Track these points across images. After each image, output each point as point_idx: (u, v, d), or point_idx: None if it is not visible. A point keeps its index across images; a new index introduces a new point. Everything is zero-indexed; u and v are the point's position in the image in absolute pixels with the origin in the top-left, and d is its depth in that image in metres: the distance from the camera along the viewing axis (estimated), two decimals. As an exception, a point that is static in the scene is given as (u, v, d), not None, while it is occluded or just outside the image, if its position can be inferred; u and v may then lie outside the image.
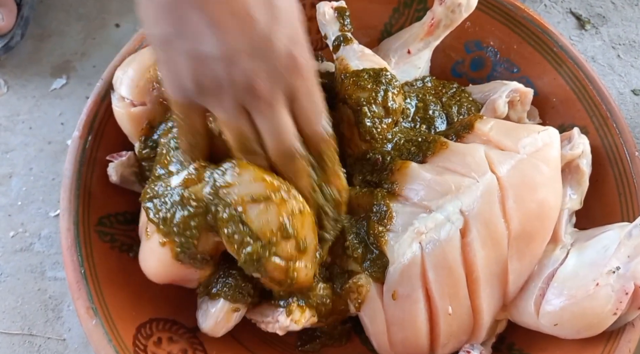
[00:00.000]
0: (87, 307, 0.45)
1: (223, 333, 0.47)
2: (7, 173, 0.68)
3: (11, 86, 0.74)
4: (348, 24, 0.57)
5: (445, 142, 0.49)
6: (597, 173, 0.53)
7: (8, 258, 0.64)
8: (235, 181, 0.41)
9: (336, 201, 0.46)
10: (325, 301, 0.47)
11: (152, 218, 0.43)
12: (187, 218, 0.42)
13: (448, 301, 0.45)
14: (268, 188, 0.41)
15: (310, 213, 0.44)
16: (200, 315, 0.47)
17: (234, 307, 0.46)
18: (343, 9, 0.58)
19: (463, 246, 0.45)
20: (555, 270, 0.46)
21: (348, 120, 0.50)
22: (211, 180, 0.42)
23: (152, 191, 0.44)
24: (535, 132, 0.48)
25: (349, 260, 0.48)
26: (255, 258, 0.41)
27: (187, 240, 0.42)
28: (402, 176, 0.48)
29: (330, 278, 0.48)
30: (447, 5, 0.55)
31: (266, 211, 0.41)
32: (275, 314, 0.47)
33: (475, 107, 0.57)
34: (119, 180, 0.51)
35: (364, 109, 0.49)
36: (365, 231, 0.47)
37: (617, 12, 0.82)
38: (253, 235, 0.41)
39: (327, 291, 0.47)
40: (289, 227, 0.41)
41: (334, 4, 0.58)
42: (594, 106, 0.55)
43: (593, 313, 0.44)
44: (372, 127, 0.49)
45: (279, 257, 0.41)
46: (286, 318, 0.46)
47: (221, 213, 0.41)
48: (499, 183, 0.45)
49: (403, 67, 0.58)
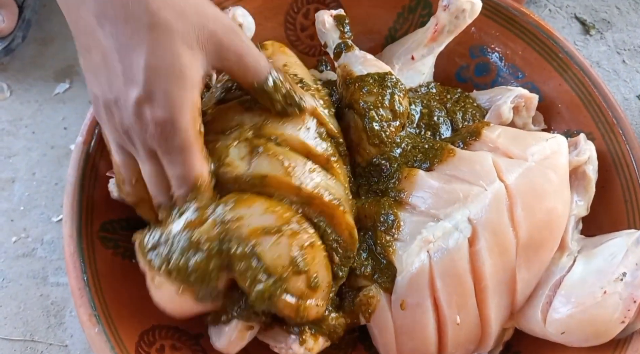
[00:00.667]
0: (90, 314, 0.45)
1: (237, 351, 0.46)
2: (9, 178, 0.68)
3: (14, 90, 0.74)
4: (348, 31, 0.57)
5: (452, 149, 0.48)
6: (603, 179, 0.53)
7: (10, 264, 0.63)
8: (246, 213, 0.40)
9: (346, 241, 0.45)
10: (337, 329, 0.46)
11: (161, 270, 0.41)
12: (204, 263, 0.40)
13: (456, 310, 0.44)
14: (279, 220, 0.41)
15: (321, 247, 0.43)
16: (214, 333, 0.46)
17: (247, 325, 0.45)
18: (342, 17, 0.58)
19: (471, 255, 0.44)
20: (563, 278, 0.46)
21: (355, 125, 0.50)
22: (219, 217, 0.40)
23: (152, 242, 0.41)
24: (544, 140, 0.48)
25: (358, 278, 0.47)
26: (266, 296, 0.40)
27: (209, 284, 0.40)
28: (409, 184, 0.47)
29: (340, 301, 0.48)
30: (451, 11, 0.55)
31: (278, 244, 0.40)
32: (288, 342, 0.46)
33: (480, 113, 0.56)
34: (119, 196, 0.51)
35: (371, 113, 0.49)
36: (372, 242, 0.47)
37: (622, 17, 0.82)
38: (266, 270, 0.40)
39: (338, 320, 0.46)
40: (300, 261, 0.41)
41: (333, 13, 0.58)
42: (600, 112, 0.55)
43: (601, 321, 0.43)
44: (380, 131, 0.49)
45: (290, 294, 0.41)
46: (300, 346, 0.45)
47: (234, 249, 0.40)
48: (507, 191, 0.45)
49: (407, 73, 0.58)
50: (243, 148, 0.44)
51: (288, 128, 0.45)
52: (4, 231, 0.65)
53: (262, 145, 0.43)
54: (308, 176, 0.43)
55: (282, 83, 0.43)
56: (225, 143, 0.44)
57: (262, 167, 0.43)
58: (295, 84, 0.46)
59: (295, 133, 0.45)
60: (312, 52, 0.65)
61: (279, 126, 0.45)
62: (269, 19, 0.61)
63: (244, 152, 0.43)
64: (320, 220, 0.44)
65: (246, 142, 0.44)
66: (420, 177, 0.47)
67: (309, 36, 0.64)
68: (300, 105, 0.45)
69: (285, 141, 0.44)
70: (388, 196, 0.48)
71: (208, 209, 0.41)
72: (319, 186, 0.43)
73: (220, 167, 0.43)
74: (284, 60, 0.51)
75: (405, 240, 0.46)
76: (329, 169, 0.46)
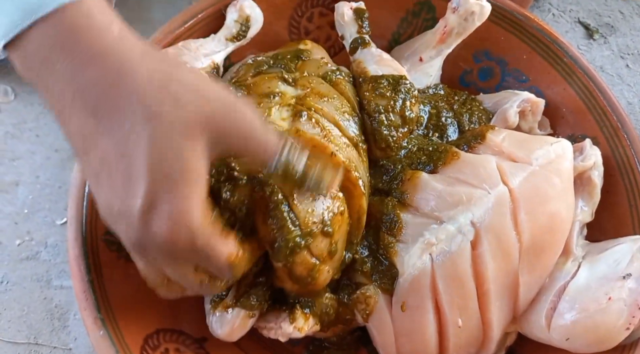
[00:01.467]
0: (95, 318, 0.45)
1: (238, 338, 0.47)
2: (13, 181, 0.68)
3: (18, 94, 0.74)
4: (366, 26, 0.57)
5: (456, 152, 0.49)
6: (607, 184, 0.53)
7: (14, 267, 0.63)
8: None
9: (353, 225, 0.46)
10: (328, 311, 0.47)
11: None
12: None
13: (458, 313, 0.44)
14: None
15: (347, 219, 0.44)
16: (215, 321, 0.46)
17: (250, 313, 0.46)
18: (362, 11, 0.58)
19: (474, 258, 0.45)
20: (567, 283, 0.46)
21: (364, 126, 0.50)
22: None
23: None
24: (548, 144, 0.48)
25: (356, 272, 0.47)
26: (290, 247, 0.41)
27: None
28: (413, 186, 0.47)
29: (336, 288, 0.48)
30: (460, 14, 0.55)
31: (313, 200, 0.41)
32: (278, 321, 0.46)
33: (486, 116, 0.56)
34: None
35: (381, 117, 0.49)
36: (374, 242, 0.47)
37: (626, 22, 0.82)
38: (295, 222, 0.41)
39: (332, 301, 0.47)
40: (329, 224, 0.42)
41: (353, 5, 0.58)
42: (605, 117, 0.55)
43: (605, 328, 0.43)
44: (388, 136, 0.49)
45: (310, 253, 0.42)
46: (289, 325, 0.46)
47: (269, 191, 0.40)
48: (510, 195, 0.45)
49: (415, 74, 0.58)
50: (285, 111, 0.45)
51: (328, 106, 0.47)
52: (7, 235, 0.65)
53: (305, 111, 0.45)
54: (344, 148, 0.45)
55: (295, 165, 0.38)
56: (269, 105, 0.45)
57: (304, 127, 0.44)
58: (313, 157, 0.40)
59: (333, 113, 0.47)
60: (315, 56, 0.65)
61: (320, 102, 0.47)
62: (272, 23, 0.61)
63: (286, 115, 0.45)
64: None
65: (289, 107, 0.46)
66: (423, 180, 0.47)
67: (313, 40, 0.63)
68: (321, 188, 0.40)
69: (325, 116, 0.46)
70: (392, 197, 0.48)
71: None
72: (350, 160, 0.45)
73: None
74: (321, 54, 0.54)
75: (408, 242, 0.46)
76: (359, 152, 0.48)
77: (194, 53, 0.54)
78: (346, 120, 0.48)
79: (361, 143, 0.48)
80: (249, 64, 0.53)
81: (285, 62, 0.52)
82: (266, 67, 0.51)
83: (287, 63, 0.52)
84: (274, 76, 0.49)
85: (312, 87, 0.48)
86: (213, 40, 0.56)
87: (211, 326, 0.47)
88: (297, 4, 0.61)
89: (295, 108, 0.46)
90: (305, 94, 0.47)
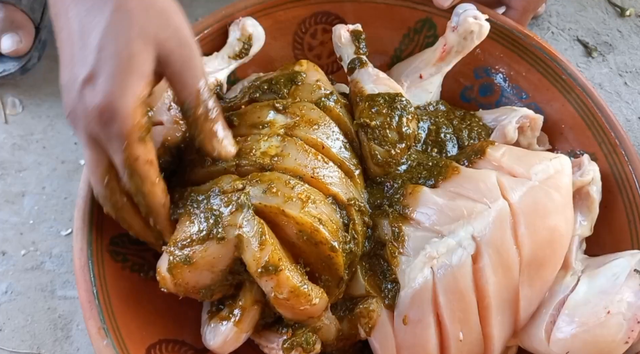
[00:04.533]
0: (99, 327, 0.45)
1: (230, 351, 0.47)
2: (19, 192, 0.69)
3: (26, 106, 0.75)
4: (363, 47, 0.58)
5: (457, 167, 0.49)
6: (606, 199, 0.53)
7: (19, 277, 0.64)
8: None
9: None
10: (330, 330, 0.47)
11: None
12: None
13: (459, 327, 0.45)
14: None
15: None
16: (208, 332, 0.47)
17: (243, 327, 0.45)
18: (359, 32, 0.59)
19: (475, 272, 0.45)
20: (566, 297, 0.46)
21: (362, 143, 0.51)
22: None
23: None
24: (547, 159, 0.49)
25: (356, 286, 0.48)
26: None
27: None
28: (414, 200, 0.48)
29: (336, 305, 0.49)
30: (459, 33, 0.56)
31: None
32: (279, 342, 0.47)
33: (486, 132, 0.57)
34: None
35: (377, 134, 0.50)
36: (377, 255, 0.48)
37: (624, 41, 0.83)
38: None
39: (333, 321, 0.47)
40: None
41: (350, 27, 0.59)
42: (603, 133, 0.56)
43: (604, 341, 0.44)
44: (385, 152, 0.50)
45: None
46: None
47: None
48: (510, 209, 0.46)
49: (415, 91, 0.59)
50: (274, 140, 0.47)
51: (317, 133, 0.49)
52: (13, 245, 0.66)
53: (291, 142, 0.47)
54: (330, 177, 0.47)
55: (206, 117, 0.43)
56: (257, 137, 0.47)
57: (293, 157, 0.46)
58: (226, 127, 0.46)
59: (323, 140, 0.48)
60: (319, 71, 0.66)
61: (310, 130, 0.48)
62: (277, 39, 0.62)
63: (275, 143, 0.47)
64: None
65: (277, 137, 0.47)
66: (424, 194, 0.48)
67: (316, 56, 0.65)
68: (213, 149, 0.44)
69: (313, 145, 0.48)
70: (394, 210, 0.49)
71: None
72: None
73: (251, 157, 0.46)
74: (316, 77, 0.55)
75: (409, 255, 0.46)
76: (350, 176, 0.49)
77: (197, 71, 0.55)
78: (337, 146, 0.49)
79: (354, 167, 0.49)
80: (245, 90, 0.54)
81: (279, 87, 0.53)
82: (259, 93, 0.53)
83: (280, 88, 0.53)
84: (266, 105, 0.51)
85: (303, 115, 0.49)
86: (216, 58, 0.57)
87: (204, 336, 0.47)
88: (300, 20, 0.62)
89: (283, 138, 0.47)
90: (294, 123, 0.49)
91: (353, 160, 0.50)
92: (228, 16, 0.58)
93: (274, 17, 0.61)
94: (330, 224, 0.44)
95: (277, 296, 0.42)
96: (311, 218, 0.43)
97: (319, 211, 0.44)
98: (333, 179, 0.46)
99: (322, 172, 0.46)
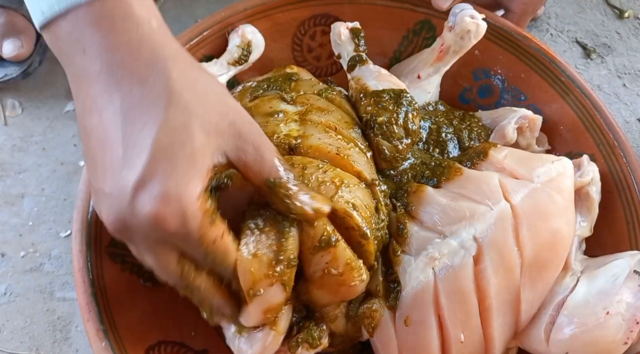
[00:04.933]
0: (98, 329, 0.45)
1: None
2: (19, 194, 0.69)
3: (26, 108, 0.75)
4: (363, 44, 0.58)
5: (460, 168, 0.49)
6: (605, 200, 0.53)
7: (18, 278, 0.64)
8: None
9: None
10: (342, 322, 0.47)
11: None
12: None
13: (460, 328, 0.45)
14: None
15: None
16: (243, 343, 0.44)
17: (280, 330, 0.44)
18: (358, 30, 0.59)
19: (476, 273, 0.45)
20: (566, 298, 0.46)
21: (368, 139, 0.51)
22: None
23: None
24: (549, 162, 0.49)
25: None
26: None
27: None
28: (418, 199, 0.48)
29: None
30: (456, 32, 0.56)
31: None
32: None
33: (485, 132, 0.57)
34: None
35: (385, 129, 0.50)
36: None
37: (623, 42, 0.83)
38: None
39: (342, 317, 0.47)
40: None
41: (349, 25, 0.59)
42: (601, 135, 0.56)
43: (604, 342, 0.44)
44: (392, 147, 0.50)
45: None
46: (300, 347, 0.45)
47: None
48: (512, 211, 0.46)
49: (413, 91, 0.59)
50: (292, 124, 0.47)
51: (331, 118, 0.49)
52: (12, 246, 0.66)
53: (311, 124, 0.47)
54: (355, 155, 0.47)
55: (290, 188, 0.39)
56: (275, 122, 0.47)
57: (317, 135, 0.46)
58: (308, 187, 0.41)
59: (336, 124, 0.49)
60: (318, 72, 0.66)
61: (323, 115, 0.49)
62: (276, 41, 0.62)
63: (294, 126, 0.47)
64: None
65: (295, 122, 0.47)
66: (429, 193, 0.48)
67: (315, 57, 0.65)
68: (307, 215, 0.39)
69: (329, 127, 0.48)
70: (400, 205, 0.49)
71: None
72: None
73: (276, 139, 0.46)
74: (309, 76, 0.56)
75: (412, 254, 0.46)
76: (367, 159, 0.49)
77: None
78: (350, 130, 0.50)
79: (365, 148, 0.49)
80: (242, 92, 0.54)
81: (279, 83, 0.53)
82: (261, 91, 0.53)
83: (281, 84, 0.53)
84: (273, 97, 0.51)
85: (312, 103, 0.50)
86: (216, 65, 0.58)
87: (239, 347, 0.44)
88: (300, 22, 0.62)
89: (301, 122, 0.47)
90: (306, 110, 0.49)
91: (365, 142, 0.50)
92: (227, 17, 0.58)
93: (273, 19, 0.61)
94: (364, 210, 0.44)
95: (330, 272, 0.41)
96: (345, 203, 0.42)
97: (353, 196, 0.43)
98: (356, 157, 0.46)
99: (346, 151, 0.46)
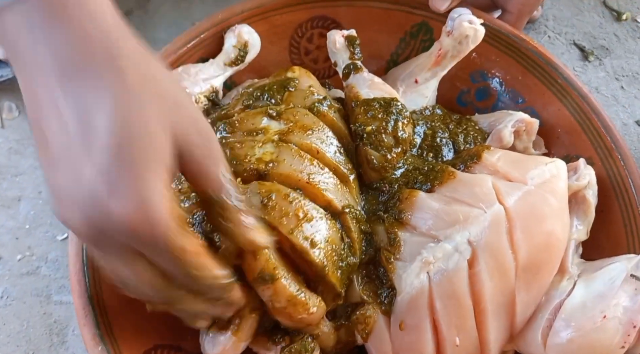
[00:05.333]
0: (94, 334, 0.45)
1: None
2: (15, 197, 0.69)
3: (22, 110, 0.75)
4: (358, 52, 0.58)
5: (453, 171, 0.49)
6: (602, 203, 0.53)
7: (14, 282, 0.64)
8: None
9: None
10: (329, 338, 0.47)
11: None
12: None
13: (455, 332, 0.45)
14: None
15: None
16: (207, 342, 0.46)
17: (243, 337, 0.45)
18: (353, 38, 0.59)
19: (471, 276, 0.45)
20: (563, 301, 0.46)
21: (357, 148, 0.51)
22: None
23: None
24: (543, 164, 0.49)
25: (354, 292, 0.48)
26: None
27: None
28: (410, 205, 0.48)
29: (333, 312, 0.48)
30: (454, 37, 0.56)
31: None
32: (277, 350, 0.47)
33: (482, 136, 0.57)
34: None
35: (373, 138, 0.50)
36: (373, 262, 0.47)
37: (621, 44, 0.83)
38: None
39: (330, 328, 0.47)
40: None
41: (345, 33, 0.59)
42: (599, 137, 0.56)
43: (601, 346, 0.44)
44: (381, 157, 0.50)
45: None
46: None
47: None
48: (506, 214, 0.46)
49: (410, 95, 0.59)
50: (269, 147, 0.47)
51: (312, 138, 0.48)
52: (8, 249, 0.66)
53: (285, 148, 0.47)
54: (325, 183, 0.46)
55: (235, 209, 0.38)
56: (251, 144, 0.47)
57: (288, 162, 0.46)
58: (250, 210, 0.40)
59: (318, 145, 0.48)
60: (315, 75, 0.65)
61: (304, 135, 0.48)
62: (274, 43, 0.62)
63: (269, 149, 0.47)
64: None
65: (272, 143, 0.47)
66: (420, 198, 0.48)
67: (312, 60, 0.65)
68: (243, 245, 0.39)
69: (307, 150, 0.48)
70: (389, 216, 0.49)
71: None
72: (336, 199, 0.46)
73: (247, 163, 0.46)
74: (309, 83, 0.55)
75: (406, 260, 0.46)
76: (345, 182, 0.49)
77: (193, 78, 0.55)
78: (331, 151, 0.49)
79: (348, 171, 0.49)
80: (239, 98, 0.54)
81: (273, 92, 0.53)
82: (252, 100, 0.52)
83: (273, 94, 0.53)
84: (259, 112, 0.50)
85: (297, 120, 0.49)
86: (212, 65, 0.57)
87: (203, 345, 0.46)
88: (297, 25, 0.62)
89: (278, 145, 0.47)
90: (288, 129, 0.48)
91: (348, 165, 0.50)
92: (225, 20, 0.58)
93: (271, 21, 0.61)
94: (325, 244, 0.44)
95: (274, 305, 0.42)
96: (303, 239, 0.43)
97: (314, 231, 0.43)
98: (328, 185, 0.46)
99: (318, 178, 0.46)
